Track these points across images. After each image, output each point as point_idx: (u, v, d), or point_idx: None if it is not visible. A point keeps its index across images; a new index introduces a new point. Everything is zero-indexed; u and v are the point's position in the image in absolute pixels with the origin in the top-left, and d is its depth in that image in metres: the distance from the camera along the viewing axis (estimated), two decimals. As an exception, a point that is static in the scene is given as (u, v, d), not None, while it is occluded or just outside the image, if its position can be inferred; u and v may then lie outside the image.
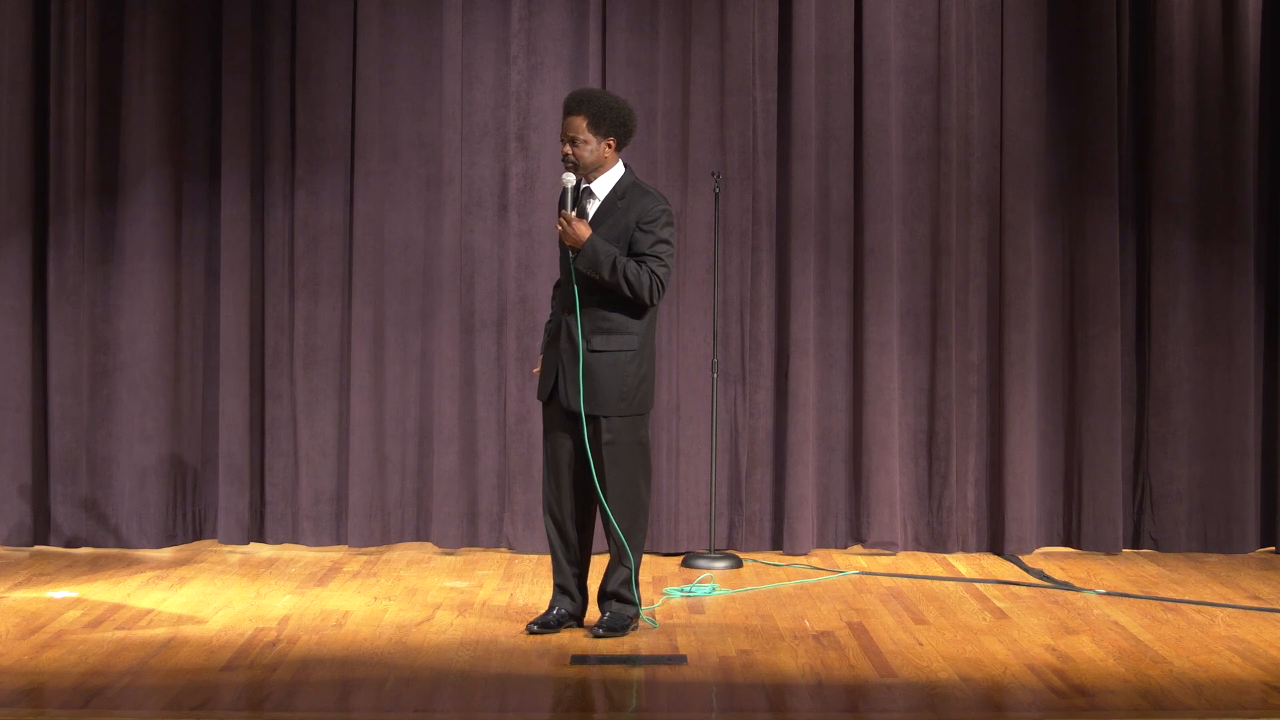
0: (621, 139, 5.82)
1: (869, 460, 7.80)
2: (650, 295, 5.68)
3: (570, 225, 5.67)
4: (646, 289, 5.67)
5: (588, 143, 5.75)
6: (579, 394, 5.70)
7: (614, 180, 5.81)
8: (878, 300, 7.80)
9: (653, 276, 5.67)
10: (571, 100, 5.83)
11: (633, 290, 5.66)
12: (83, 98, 7.72)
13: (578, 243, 5.67)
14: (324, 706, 5.02)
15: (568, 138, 5.76)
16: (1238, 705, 4.98)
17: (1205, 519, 7.92)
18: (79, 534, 7.76)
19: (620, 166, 5.85)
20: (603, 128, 5.76)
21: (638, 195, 5.77)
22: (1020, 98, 7.84)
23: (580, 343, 5.70)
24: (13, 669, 5.32)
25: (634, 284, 5.65)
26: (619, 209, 5.75)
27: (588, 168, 5.77)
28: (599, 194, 5.80)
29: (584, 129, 5.74)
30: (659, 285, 5.69)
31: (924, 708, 5.00)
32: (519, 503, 7.75)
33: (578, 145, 5.75)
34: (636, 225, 5.71)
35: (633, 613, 5.88)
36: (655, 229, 5.71)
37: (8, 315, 7.70)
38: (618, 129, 5.79)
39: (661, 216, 5.74)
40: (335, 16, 7.83)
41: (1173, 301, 7.91)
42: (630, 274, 5.64)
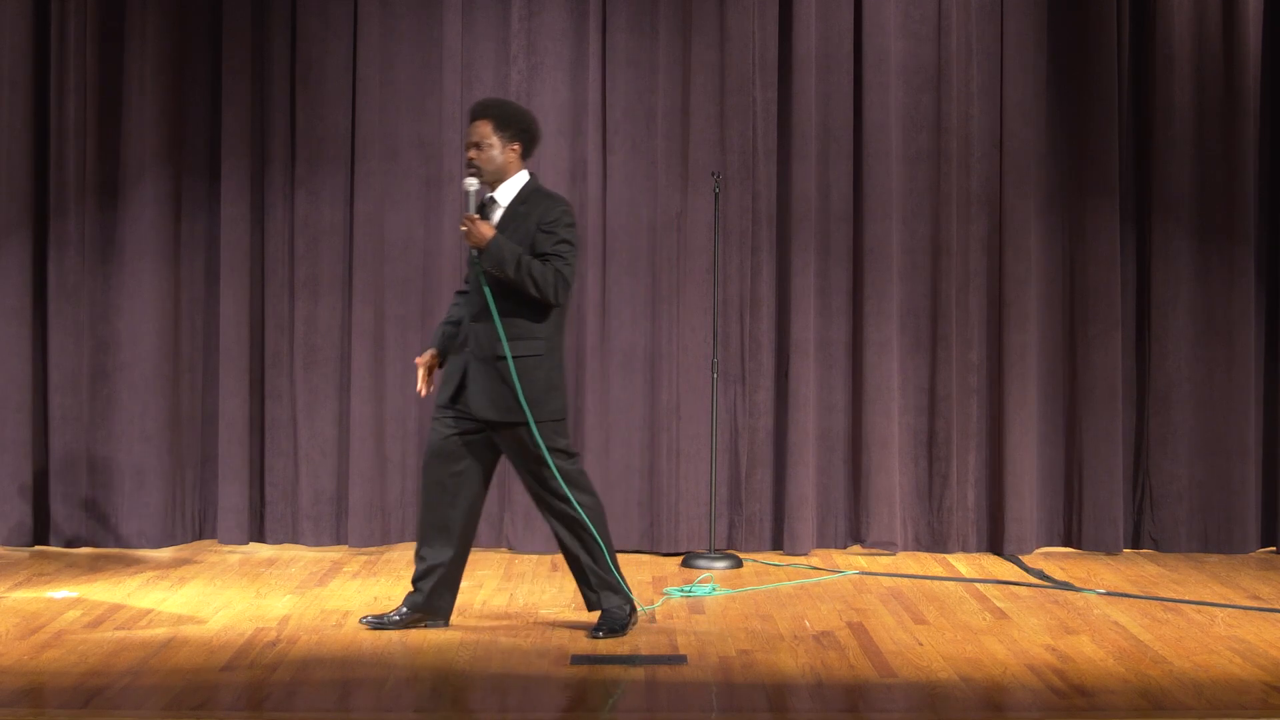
0: (526, 145, 5.83)
1: (869, 460, 7.80)
2: (555, 294, 5.67)
3: (473, 226, 5.66)
4: (551, 287, 5.65)
5: (493, 147, 5.75)
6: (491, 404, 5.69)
7: (517, 187, 5.81)
8: (878, 300, 7.81)
9: (558, 275, 5.66)
10: (477, 106, 5.85)
11: (538, 288, 5.64)
12: (83, 98, 7.72)
13: (481, 242, 5.65)
14: (324, 706, 5.02)
15: (472, 143, 5.77)
16: (1238, 705, 4.98)
17: (1205, 519, 7.92)
18: (79, 534, 7.76)
19: (525, 174, 5.84)
20: (508, 132, 5.77)
21: (539, 199, 5.78)
22: (1020, 98, 7.84)
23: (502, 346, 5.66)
24: (13, 669, 5.32)
25: (539, 282, 5.64)
26: (521, 214, 5.75)
27: (492, 173, 5.77)
28: (502, 201, 5.80)
29: (489, 133, 5.75)
30: (564, 283, 5.68)
31: (924, 708, 5.00)
32: (519, 503, 7.75)
33: (483, 150, 5.76)
34: (538, 227, 5.70)
35: (621, 608, 5.85)
36: (557, 229, 5.71)
37: (8, 315, 7.70)
38: (522, 135, 5.81)
39: (562, 217, 5.74)
40: (335, 16, 7.83)
41: (1173, 301, 7.91)
42: (535, 272, 5.63)
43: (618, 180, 7.82)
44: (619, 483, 7.80)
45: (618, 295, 7.82)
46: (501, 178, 5.81)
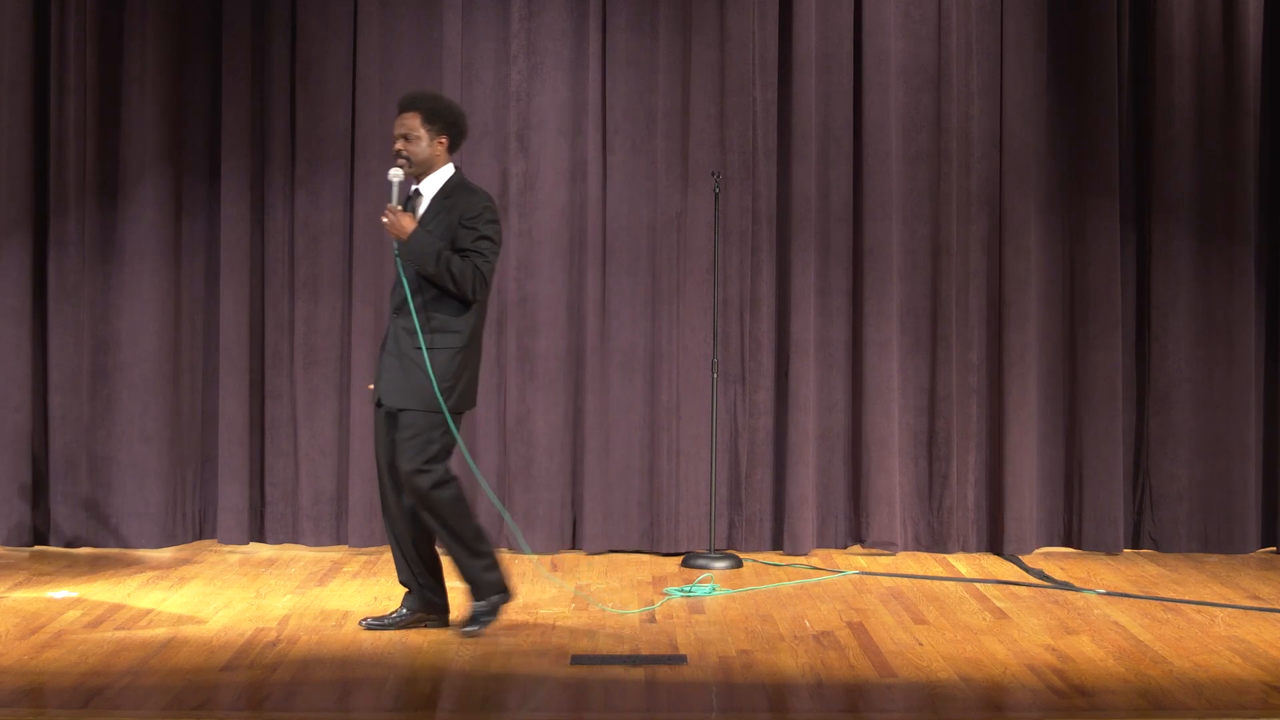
0: (454, 139, 5.84)
1: (869, 460, 7.80)
2: (473, 289, 5.68)
3: (396, 218, 5.68)
4: (470, 283, 5.66)
5: (420, 139, 5.76)
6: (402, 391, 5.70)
7: (442, 180, 5.82)
8: (878, 300, 7.81)
9: (476, 271, 5.67)
10: (406, 98, 5.86)
11: (456, 284, 5.65)
12: (83, 98, 7.72)
13: (402, 235, 5.67)
14: (324, 706, 5.02)
15: (400, 134, 5.77)
16: (1238, 705, 4.98)
17: (1205, 519, 7.92)
18: (79, 534, 7.76)
19: (450, 167, 5.85)
20: (436, 125, 5.78)
21: (462, 193, 5.79)
22: (1020, 98, 7.85)
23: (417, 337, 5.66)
24: (13, 669, 5.32)
25: (458, 278, 5.65)
26: (445, 207, 5.76)
27: (419, 165, 5.78)
28: (426, 194, 5.81)
29: (418, 125, 5.77)
30: (482, 280, 5.69)
31: (924, 708, 5.00)
32: (519, 503, 7.75)
33: (411, 141, 5.77)
34: (460, 222, 5.71)
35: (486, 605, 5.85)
36: (478, 225, 5.72)
37: (8, 315, 7.70)
38: (450, 128, 5.82)
39: (484, 213, 5.74)
40: (335, 16, 7.83)
41: (1173, 301, 7.92)
42: (455, 268, 5.64)
43: (618, 180, 7.82)
44: (619, 483, 7.80)
45: (618, 295, 7.82)
46: (428, 170, 5.81)
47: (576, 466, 7.84)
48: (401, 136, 5.78)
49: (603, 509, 7.76)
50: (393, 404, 5.74)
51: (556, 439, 7.81)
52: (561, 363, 7.82)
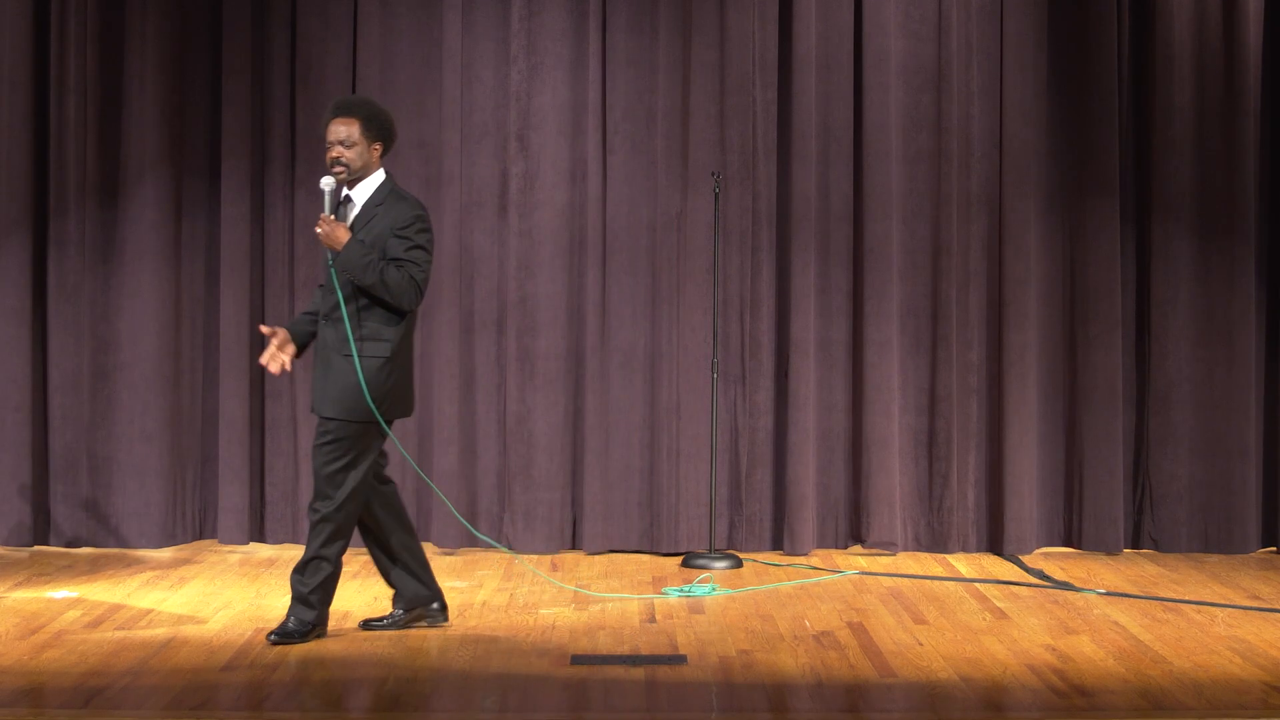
0: (387, 145, 5.82)
1: (869, 460, 7.80)
2: (408, 300, 5.65)
3: (330, 228, 5.63)
4: (405, 294, 5.64)
5: (357, 145, 5.71)
6: (326, 398, 5.67)
7: (374, 186, 5.78)
8: (878, 300, 7.80)
9: (411, 281, 5.64)
10: (343, 104, 5.80)
11: (390, 294, 5.63)
12: (83, 98, 7.72)
13: (338, 245, 5.62)
14: (324, 706, 5.02)
15: (337, 140, 5.71)
16: (1238, 705, 4.98)
17: (1206, 519, 7.92)
18: (79, 534, 7.76)
19: (381, 173, 5.81)
20: (373, 132, 5.74)
21: (394, 201, 5.75)
22: (1020, 98, 7.84)
23: (348, 345, 5.63)
24: (13, 669, 5.32)
25: (392, 288, 5.62)
26: (377, 215, 5.72)
27: (355, 172, 5.72)
28: (358, 200, 5.76)
29: (357, 133, 5.71)
30: (417, 290, 5.67)
31: (924, 708, 5.00)
32: (519, 503, 7.75)
33: (349, 148, 5.71)
34: (392, 231, 5.68)
35: (313, 618, 5.75)
36: (410, 234, 5.68)
37: (8, 315, 7.70)
38: (385, 135, 5.79)
39: (416, 222, 5.71)
40: (335, 16, 7.83)
41: (1173, 301, 7.91)
42: (390, 278, 5.61)
43: (618, 180, 7.82)
44: (619, 483, 7.80)
45: (618, 295, 7.82)
46: (361, 177, 5.76)
47: (576, 466, 7.84)
48: (339, 143, 5.71)
49: (603, 509, 7.76)
50: (319, 410, 5.70)
51: (556, 439, 7.81)
52: (561, 363, 7.82)
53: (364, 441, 5.70)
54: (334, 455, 5.66)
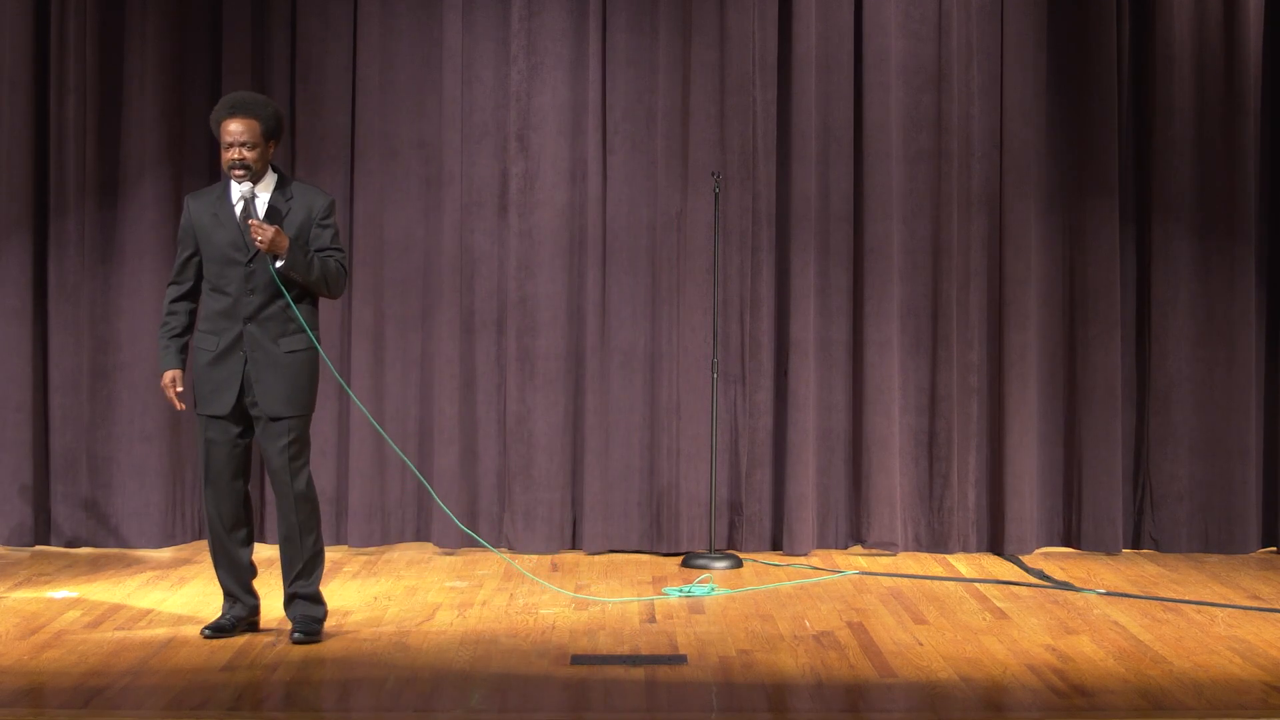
0: (279, 143, 5.80)
1: (869, 460, 7.80)
2: (340, 288, 5.73)
3: (271, 234, 5.55)
4: (339, 282, 5.71)
5: (257, 146, 5.66)
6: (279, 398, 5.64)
7: (272, 183, 5.74)
8: (878, 300, 7.80)
9: (341, 269, 5.70)
10: (240, 104, 5.71)
11: (329, 285, 5.68)
12: (83, 98, 7.72)
13: (281, 250, 5.57)
14: (324, 706, 5.03)
15: (241, 142, 5.63)
16: (1238, 705, 4.98)
17: (1206, 519, 7.92)
18: (79, 534, 7.76)
19: (272, 174, 5.76)
20: (270, 131, 5.70)
21: (302, 191, 5.75)
22: (1020, 97, 7.84)
23: (288, 342, 5.64)
24: (13, 669, 5.32)
25: (330, 280, 5.67)
26: (292, 208, 5.70)
27: (256, 173, 5.67)
28: (262, 197, 5.71)
29: (259, 134, 5.66)
30: (346, 278, 5.76)
31: (924, 708, 5.00)
32: (519, 503, 7.76)
33: (251, 150, 5.64)
34: (316, 222, 5.69)
35: (323, 613, 5.84)
36: (331, 223, 5.74)
37: (8, 315, 7.71)
38: (279, 134, 5.76)
39: (332, 211, 5.76)
40: (335, 16, 7.83)
41: (1173, 301, 7.91)
42: (330, 271, 5.66)
43: (618, 180, 7.82)
44: (619, 483, 7.80)
45: (618, 295, 7.82)
46: (261, 176, 5.71)
47: (576, 466, 7.84)
48: (240, 144, 5.63)
49: (603, 509, 7.76)
50: (275, 412, 5.65)
51: (556, 439, 7.81)
52: (561, 363, 7.82)
53: (308, 429, 5.77)
54: (299, 451, 5.69)
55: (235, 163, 5.62)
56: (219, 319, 5.68)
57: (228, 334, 5.66)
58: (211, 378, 5.70)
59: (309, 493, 5.75)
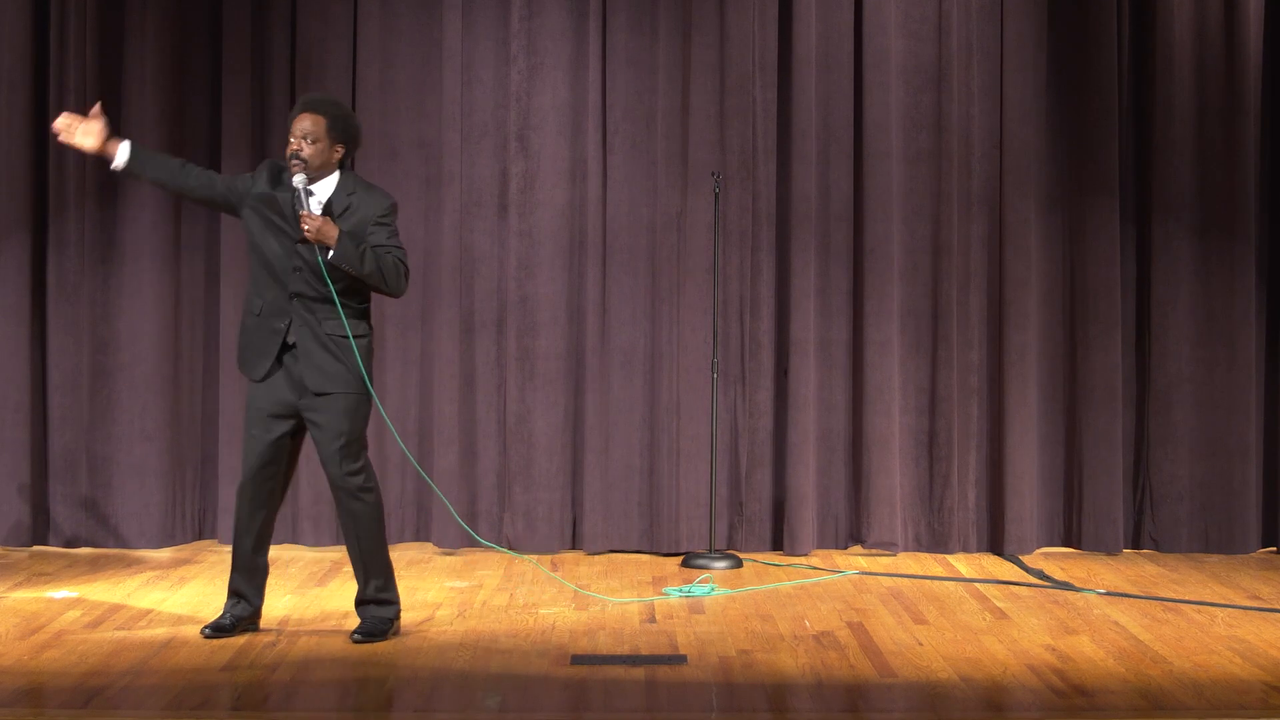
0: (349, 150, 5.78)
1: (869, 460, 7.80)
2: (400, 285, 5.71)
3: (320, 224, 5.57)
4: (398, 278, 5.68)
5: (319, 143, 5.67)
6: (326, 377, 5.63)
7: (334, 182, 5.74)
8: (878, 300, 7.80)
9: (400, 265, 5.69)
10: (313, 100, 5.77)
11: (387, 280, 5.66)
12: (83, 98, 7.70)
13: (330, 240, 5.57)
14: (324, 706, 5.02)
15: (301, 134, 5.66)
16: (1238, 705, 4.98)
17: (1206, 519, 7.92)
18: (79, 534, 7.75)
19: (337, 171, 5.76)
20: (337, 133, 5.70)
21: (366, 191, 5.76)
22: (1020, 97, 7.85)
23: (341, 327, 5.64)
24: (13, 669, 5.32)
25: (388, 274, 5.65)
26: (351, 204, 5.71)
27: (312, 169, 5.68)
28: (320, 194, 5.72)
29: (323, 130, 5.68)
30: (406, 273, 5.73)
31: (924, 708, 5.00)
32: (519, 503, 7.76)
33: (311, 144, 5.66)
34: (375, 220, 5.69)
35: (393, 613, 5.84)
36: (389, 222, 5.74)
37: (8, 315, 7.70)
38: (349, 139, 5.75)
39: (393, 211, 5.77)
40: (335, 16, 7.83)
41: (1173, 301, 7.91)
42: (386, 265, 5.65)
43: (618, 180, 7.82)
44: (619, 483, 7.80)
45: (618, 295, 7.82)
46: (319, 175, 5.72)
47: (576, 466, 7.84)
48: (302, 137, 5.66)
49: (603, 509, 7.76)
50: (324, 389, 5.63)
51: (556, 439, 7.81)
52: (561, 363, 7.82)
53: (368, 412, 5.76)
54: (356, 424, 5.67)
55: (292, 154, 5.67)
56: (280, 302, 5.68)
57: (281, 310, 5.67)
58: (252, 342, 5.73)
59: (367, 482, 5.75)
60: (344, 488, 5.71)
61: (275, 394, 5.70)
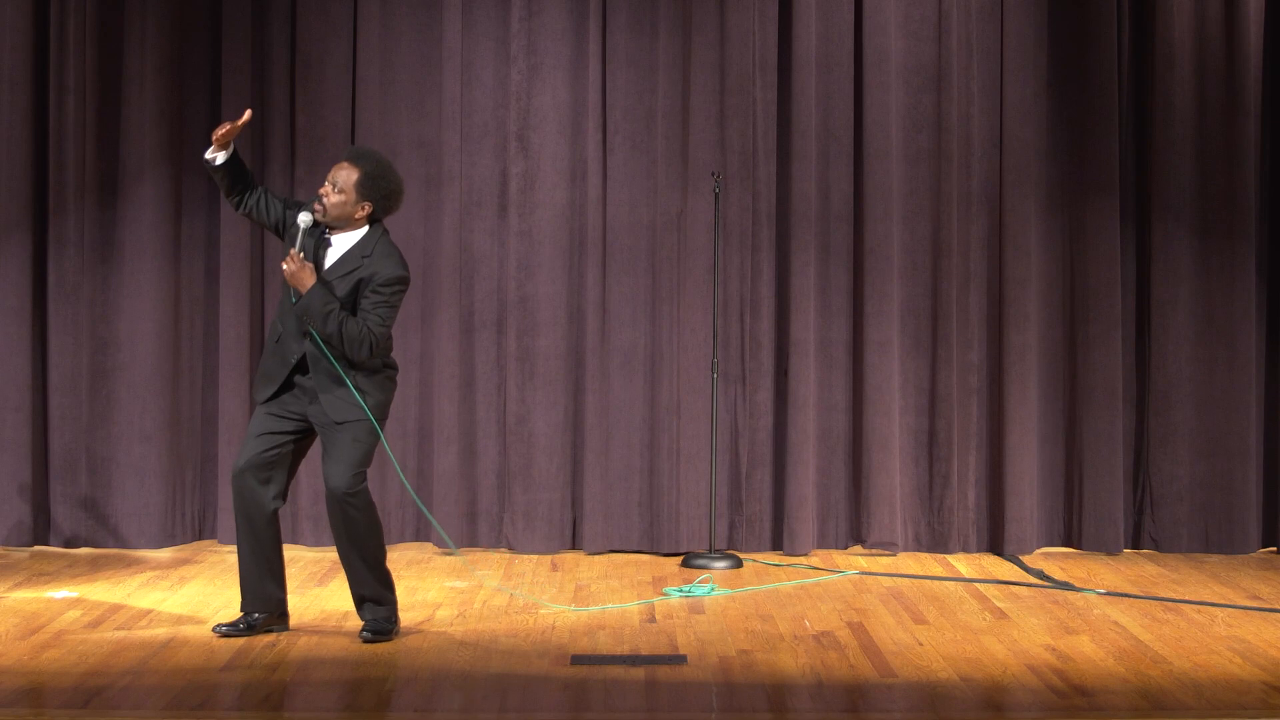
0: (379, 210, 5.71)
1: (869, 460, 7.80)
2: (357, 352, 5.56)
3: (298, 269, 5.56)
4: (358, 346, 5.55)
5: (344, 194, 5.64)
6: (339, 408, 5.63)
7: (357, 237, 5.70)
8: (878, 300, 7.80)
9: (368, 334, 5.57)
10: (355, 152, 5.75)
11: (346, 346, 5.55)
12: (83, 98, 7.71)
13: (301, 287, 5.56)
14: (324, 706, 5.02)
15: (331, 181, 5.65)
16: (1238, 705, 4.98)
17: (1206, 519, 7.92)
18: (79, 534, 7.75)
19: (366, 228, 5.72)
20: (366, 190, 5.65)
21: (383, 255, 5.66)
22: (1020, 97, 7.85)
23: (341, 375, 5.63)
24: (13, 669, 5.32)
25: (348, 339, 5.54)
26: (363, 265, 5.65)
27: (331, 218, 5.65)
28: (339, 246, 5.69)
29: (351, 183, 5.64)
30: (370, 346, 5.58)
31: (924, 708, 5.00)
32: (519, 503, 7.75)
33: (337, 193, 5.64)
34: (372, 285, 5.61)
35: (393, 612, 5.83)
36: (386, 294, 5.63)
37: (8, 315, 7.70)
38: (377, 198, 5.68)
39: (397, 285, 5.65)
40: (335, 16, 7.83)
41: (1173, 301, 7.91)
42: (348, 330, 5.54)
43: (618, 180, 7.82)
44: (619, 483, 7.80)
45: (618, 295, 7.82)
46: (343, 226, 5.70)
47: (576, 466, 7.84)
48: (331, 183, 5.66)
49: (603, 509, 7.76)
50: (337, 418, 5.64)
51: (556, 439, 7.81)
52: (561, 363, 7.82)
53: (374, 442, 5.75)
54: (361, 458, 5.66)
55: (318, 196, 5.66)
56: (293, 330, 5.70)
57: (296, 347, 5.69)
58: (267, 367, 5.76)
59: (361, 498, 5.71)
60: (341, 501, 5.68)
61: (284, 405, 5.71)
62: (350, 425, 5.65)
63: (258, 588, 5.79)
